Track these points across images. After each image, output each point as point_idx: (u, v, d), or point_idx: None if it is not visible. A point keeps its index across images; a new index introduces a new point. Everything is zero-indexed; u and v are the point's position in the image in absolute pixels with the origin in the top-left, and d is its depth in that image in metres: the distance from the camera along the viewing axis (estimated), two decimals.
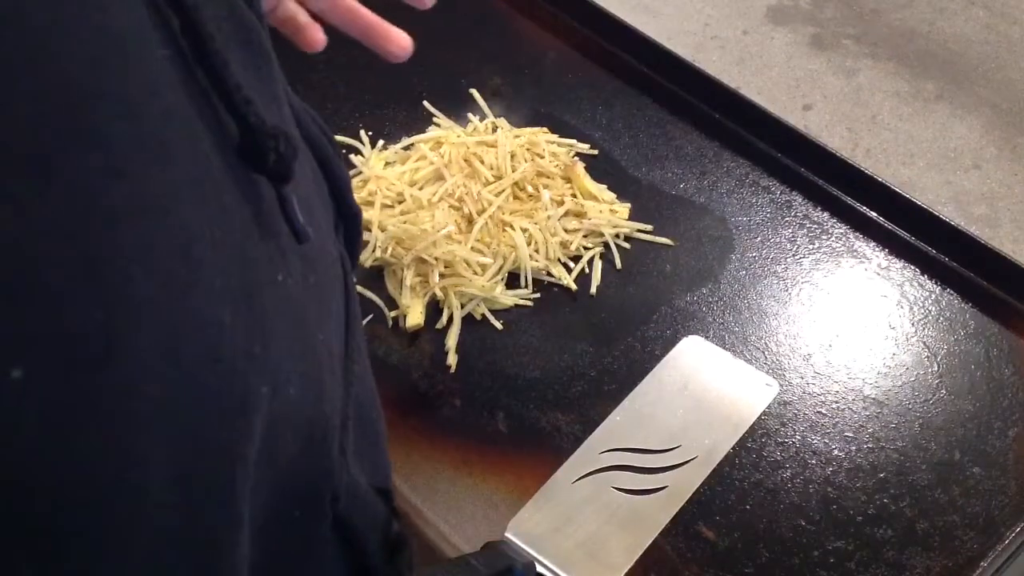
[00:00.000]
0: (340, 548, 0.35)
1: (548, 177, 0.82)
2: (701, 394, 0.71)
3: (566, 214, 0.80)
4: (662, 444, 0.68)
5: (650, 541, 0.64)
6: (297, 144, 0.30)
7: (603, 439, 0.69)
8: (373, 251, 0.78)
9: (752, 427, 0.70)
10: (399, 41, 0.62)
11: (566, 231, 0.79)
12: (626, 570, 0.63)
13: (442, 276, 0.75)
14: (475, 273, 0.76)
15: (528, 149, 0.83)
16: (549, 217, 0.79)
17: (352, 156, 0.85)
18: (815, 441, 0.69)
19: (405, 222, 0.78)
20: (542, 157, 0.83)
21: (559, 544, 0.64)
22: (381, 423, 0.40)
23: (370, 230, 0.79)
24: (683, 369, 0.73)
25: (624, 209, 0.81)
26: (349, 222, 0.40)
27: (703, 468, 0.67)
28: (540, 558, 0.62)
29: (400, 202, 0.80)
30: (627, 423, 0.70)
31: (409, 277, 0.76)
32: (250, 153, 0.28)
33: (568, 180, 0.82)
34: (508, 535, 0.64)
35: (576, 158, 0.84)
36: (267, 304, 0.27)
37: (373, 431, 0.39)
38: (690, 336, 0.74)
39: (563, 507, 0.65)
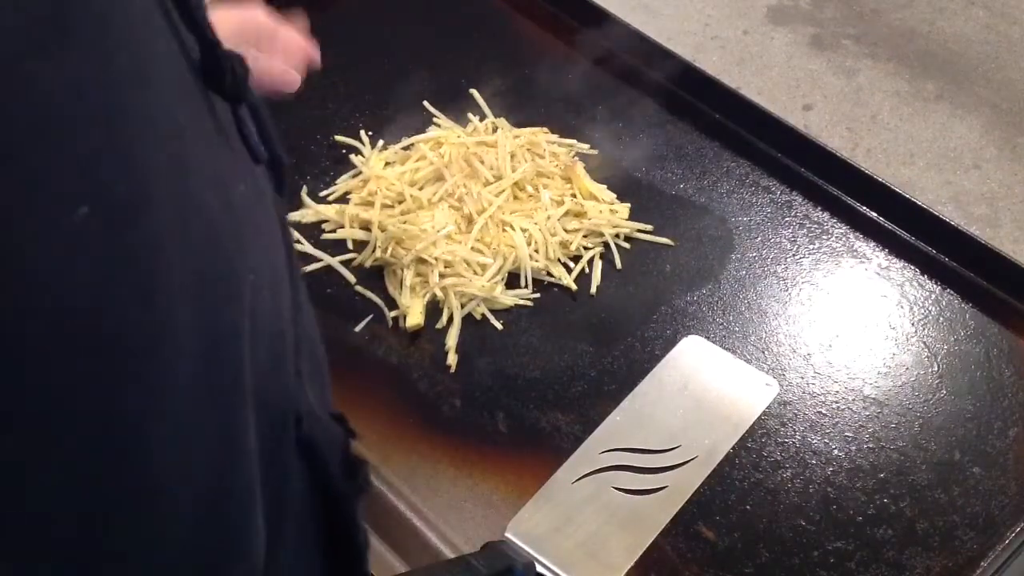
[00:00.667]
0: (304, 469, 0.36)
1: (548, 177, 0.82)
2: (701, 394, 0.71)
3: (566, 214, 0.80)
4: (662, 444, 0.68)
5: (650, 541, 0.64)
6: (249, 67, 0.32)
7: (603, 439, 0.69)
8: (373, 251, 0.78)
9: (752, 427, 0.70)
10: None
11: (566, 231, 0.79)
12: (626, 570, 0.63)
13: (442, 276, 0.75)
14: (475, 273, 0.76)
15: (528, 149, 0.83)
16: (549, 217, 0.79)
17: (352, 156, 0.85)
18: (815, 441, 0.69)
19: (405, 222, 0.78)
20: (542, 157, 0.83)
21: (559, 544, 0.64)
22: (325, 357, 0.41)
23: (370, 230, 0.79)
24: (683, 369, 0.73)
25: (624, 209, 0.81)
26: (276, 167, 0.40)
27: (703, 468, 0.67)
28: (540, 558, 0.62)
29: (400, 202, 0.80)
30: (627, 423, 0.70)
31: (409, 277, 0.76)
32: (210, 71, 0.30)
33: (568, 180, 0.82)
34: (508, 535, 0.64)
35: (576, 158, 0.84)
36: (237, 204, 0.30)
37: (319, 361, 0.41)
38: (690, 336, 0.74)
39: (563, 507, 0.65)
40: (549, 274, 0.78)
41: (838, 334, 0.75)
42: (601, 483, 0.67)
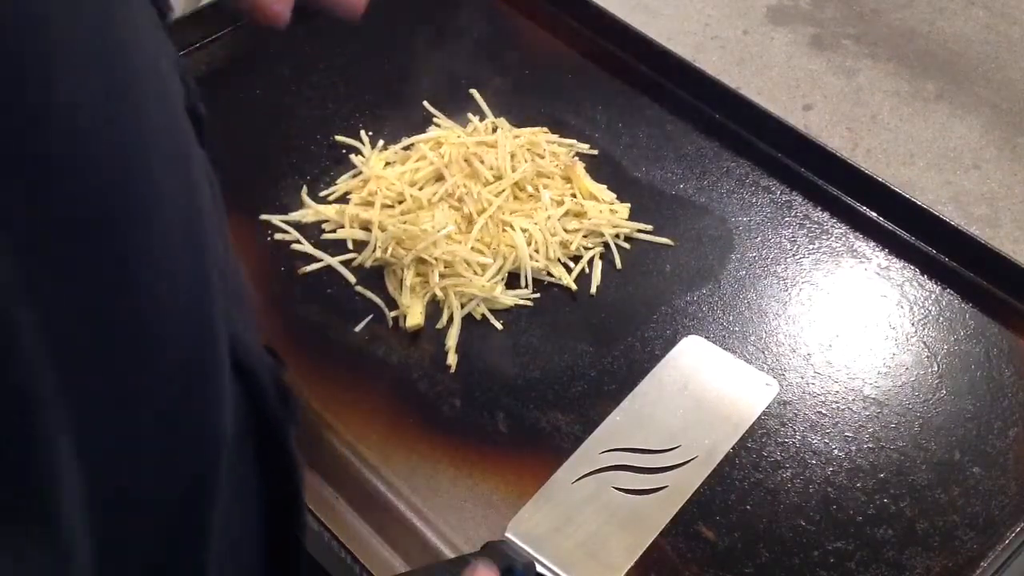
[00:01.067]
0: (241, 394, 0.38)
1: (548, 177, 0.82)
2: (701, 394, 0.71)
3: (566, 214, 0.80)
4: (662, 444, 0.68)
5: (650, 541, 0.64)
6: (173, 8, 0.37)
7: (603, 439, 0.69)
8: (373, 251, 0.78)
9: (752, 427, 0.70)
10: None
11: (566, 231, 0.79)
12: (626, 570, 0.63)
13: (442, 276, 0.75)
14: (475, 273, 0.76)
15: (528, 149, 0.83)
16: (549, 217, 0.79)
17: (352, 156, 0.85)
18: (815, 441, 0.69)
19: (405, 222, 0.78)
20: (542, 157, 0.83)
21: (559, 544, 0.64)
22: (251, 296, 0.44)
23: (370, 230, 0.79)
24: (683, 369, 0.73)
25: (624, 209, 0.81)
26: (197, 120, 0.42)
27: (703, 468, 0.67)
28: (540, 558, 0.62)
29: (400, 202, 0.80)
30: (627, 423, 0.70)
31: (409, 277, 0.76)
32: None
33: (568, 180, 0.82)
34: (508, 535, 0.64)
35: (576, 158, 0.84)
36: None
37: (244, 297, 0.42)
38: (690, 336, 0.74)
39: (563, 507, 0.65)
40: (549, 274, 0.78)
41: (838, 334, 0.75)
42: (601, 483, 0.67)
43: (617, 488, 0.66)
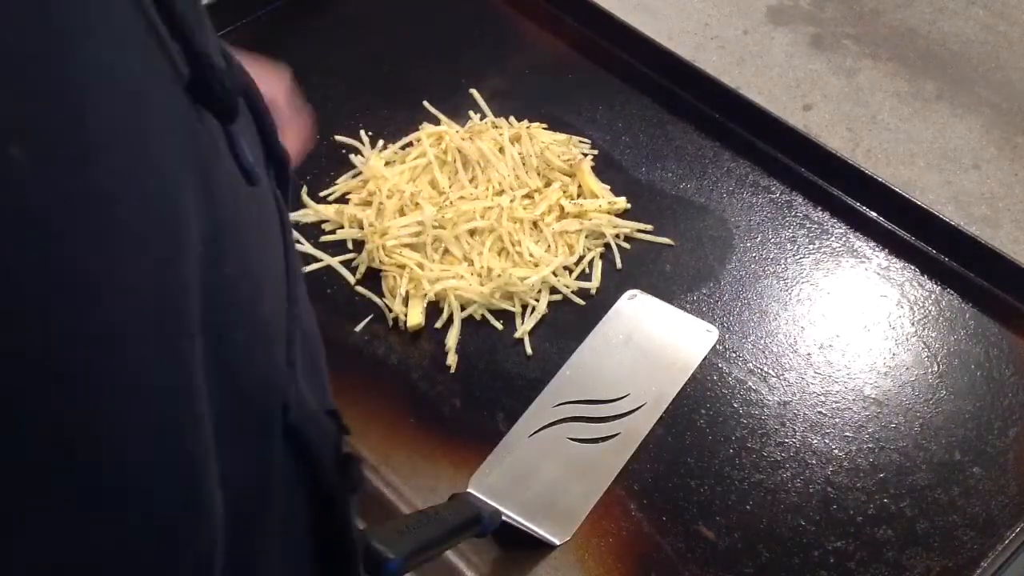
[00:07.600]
0: (295, 465, 0.35)
1: (551, 169, 0.82)
2: (645, 344, 0.73)
3: (567, 217, 0.80)
4: (612, 394, 0.70)
5: (606, 487, 0.66)
6: (240, 80, 0.30)
7: (555, 393, 0.70)
8: (368, 258, 0.78)
9: (751, 426, 0.70)
10: None
11: (568, 233, 0.79)
12: (585, 515, 0.65)
13: (432, 282, 0.75)
14: (479, 284, 0.76)
15: (541, 150, 0.83)
16: (556, 232, 0.79)
17: (352, 156, 0.85)
18: (815, 441, 0.69)
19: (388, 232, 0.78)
20: (549, 149, 0.83)
21: (520, 495, 0.65)
22: (323, 358, 0.41)
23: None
24: (626, 321, 0.74)
25: (620, 200, 0.81)
26: (278, 165, 0.39)
27: (652, 414, 0.69)
28: (502, 509, 0.64)
29: (400, 206, 0.80)
30: (577, 376, 0.71)
31: (404, 284, 0.76)
32: (200, 87, 0.27)
33: (572, 176, 0.82)
34: (471, 489, 0.65)
35: (585, 156, 0.84)
36: (215, 179, 0.28)
37: (317, 360, 0.40)
38: (629, 290, 0.76)
39: (522, 460, 0.67)
40: (554, 276, 0.77)
41: (838, 334, 0.75)
42: (557, 435, 0.68)
43: (572, 439, 0.68)
